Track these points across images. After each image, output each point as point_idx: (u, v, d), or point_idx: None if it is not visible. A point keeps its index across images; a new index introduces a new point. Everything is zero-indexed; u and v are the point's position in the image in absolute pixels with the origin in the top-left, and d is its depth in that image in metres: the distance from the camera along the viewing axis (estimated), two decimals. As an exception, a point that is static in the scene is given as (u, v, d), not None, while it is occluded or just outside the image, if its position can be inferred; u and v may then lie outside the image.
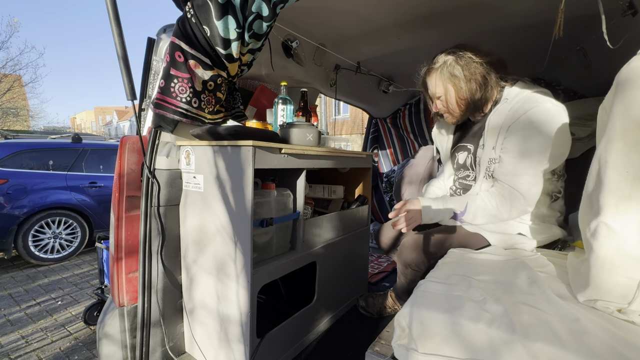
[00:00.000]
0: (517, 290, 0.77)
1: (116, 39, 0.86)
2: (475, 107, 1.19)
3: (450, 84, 1.17)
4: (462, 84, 1.15)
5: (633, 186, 0.60)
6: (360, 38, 1.80)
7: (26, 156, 3.49)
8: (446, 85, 1.18)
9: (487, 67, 1.14)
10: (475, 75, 1.13)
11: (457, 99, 1.18)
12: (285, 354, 1.23)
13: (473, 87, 1.14)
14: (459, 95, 1.17)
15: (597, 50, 1.66)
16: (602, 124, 0.71)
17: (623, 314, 0.66)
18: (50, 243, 3.50)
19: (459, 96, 1.17)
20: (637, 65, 0.62)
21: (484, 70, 1.14)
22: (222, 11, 1.05)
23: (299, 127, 1.21)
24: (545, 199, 1.15)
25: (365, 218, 1.74)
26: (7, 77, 12.55)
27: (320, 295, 1.39)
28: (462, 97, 1.17)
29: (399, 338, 0.74)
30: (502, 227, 1.17)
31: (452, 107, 1.21)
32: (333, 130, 14.08)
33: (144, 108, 1.25)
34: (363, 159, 1.65)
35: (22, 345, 1.96)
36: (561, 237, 1.19)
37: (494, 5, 1.42)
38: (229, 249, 1.06)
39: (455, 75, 1.15)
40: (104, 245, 1.98)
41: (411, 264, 1.23)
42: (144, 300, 1.13)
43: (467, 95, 1.16)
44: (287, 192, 1.25)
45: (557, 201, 1.18)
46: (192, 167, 1.17)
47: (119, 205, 1.14)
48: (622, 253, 0.62)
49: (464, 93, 1.16)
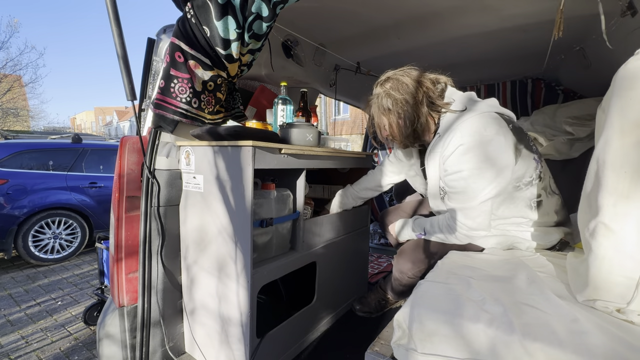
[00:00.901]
0: (516, 290, 0.77)
1: (116, 39, 0.87)
2: (413, 139, 1.18)
3: (384, 116, 1.16)
4: (392, 118, 1.14)
5: (631, 186, 0.60)
6: (360, 38, 1.81)
7: (26, 156, 3.49)
8: (380, 117, 1.18)
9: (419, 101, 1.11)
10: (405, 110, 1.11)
11: (392, 131, 1.18)
12: (285, 354, 1.23)
13: (401, 123, 1.13)
14: (392, 129, 1.17)
15: (596, 50, 1.66)
16: (600, 124, 0.72)
17: (622, 314, 0.66)
18: (50, 243, 3.50)
19: (391, 129, 1.17)
20: (634, 65, 0.62)
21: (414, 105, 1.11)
22: (222, 11, 1.05)
23: (298, 127, 1.21)
24: (528, 209, 1.12)
25: (365, 218, 1.75)
26: (7, 78, 12.55)
27: (320, 296, 1.39)
28: (394, 131, 1.17)
29: (398, 338, 0.74)
30: (500, 231, 1.16)
31: (393, 134, 1.19)
32: (333, 131, 14.08)
33: (144, 108, 1.25)
34: (363, 159, 1.66)
35: (22, 345, 1.96)
36: (561, 237, 1.19)
37: (494, 6, 1.42)
38: (228, 249, 1.07)
39: (387, 109, 1.14)
40: (104, 245, 1.98)
41: (407, 273, 1.25)
42: (144, 300, 1.13)
43: (397, 130, 1.16)
44: (287, 192, 1.25)
45: (543, 204, 1.14)
46: (192, 167, 1.17)
47: (119, 205, 1.14)
48: (621, 253, 0.62)
49: (395, 128, 1.15)
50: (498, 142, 1.00)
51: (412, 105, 1.11)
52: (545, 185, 1.15)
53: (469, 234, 1.11)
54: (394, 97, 1.12)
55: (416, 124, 1.13)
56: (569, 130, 1.78)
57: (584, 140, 1.74)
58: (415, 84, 1.12)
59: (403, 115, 1.12)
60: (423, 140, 1.22)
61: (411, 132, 1.14)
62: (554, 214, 1.17)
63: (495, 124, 1.02)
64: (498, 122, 1.03)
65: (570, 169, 1.73)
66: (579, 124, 1.75)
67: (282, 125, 1.27)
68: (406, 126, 1.13)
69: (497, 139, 1.00)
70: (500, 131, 1.01)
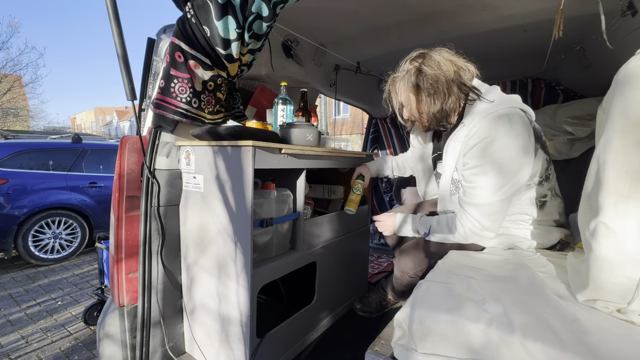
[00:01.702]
0: (516, 290, 0.77)
1: (116, 39, 0.86)
2: (438, 119, 1.14)
3: (412, 93, 1.13)
4: (422, 96, 1.11)
5: (632, 186, 0.60)
6: (360, 38, 1.81)
7: (26, 156, 3.49)
8: (408, 95, 1.14)
9: (450, 79, 1.08)
10: (435, 87, 1.08)
11: (419, 109, 1.15)
12: (285, 354, 1.23)
13: (430, 101, 1.10)
14: (419, 106, 1.14)
15: (597, 50, 1.66)
16: (600, 124, 0.72)
17: (622, 314, 0.66)
18: (50, 243, 3.50)
19: (419, 106, 1.14)
20: (635, 65, 0.62)
21: (446, 82, 1.08)
22: (222, 11, 1.05)
23: (298, 127, 1.21)
24: (531, 207, 1.13)
25: (365, 218, 1.75)
26: (7, 78, 12.56)
27: (320, 295, 1.39)
28: (421, 108, 1.14)
29: (398, 338, 0.74)
30: (501, 231, 1.16)
31: (417, 116, 1.18)
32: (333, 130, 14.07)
33: (144, 108, 1.25)
34: (363, 159, 1.66)
35: (22, 345, 1.96)
36: (561, 238, 1.19)
37: (493, 5, 1.42)
38: (229, 249, 1.06)
39: (415, 86, 1.11)
40: (104, 245, 1.98)
41: (408, 272, 1.24)
42: (144, 300, 1.13)
43: (426, 108, 1.12)
44: (287, 192, 1.25)
45: (546, 204, 1.15)
46: (192, 167, 1.17)
47: (119, 205, 1.14)
48: (621, 253, 0.62)
49: (424, 105, 1.12)
50: (523, 139, 1.00)
51: (443, 83, 1.07)
52: (551, 186, 1.16)
53: (480, 234, 1.07)
54: (425, 74, 1.08)
55: (445, 104, 1.09)
56: (569, 130, 1.78)
57: (584, 140, 1.74)
58: (448, 63, 1.09)
59: (433, 93, 1.08)
60: (447, 124, 1.18)
61: (438, 112, 1.11)
62: (556, 214, 1.18)
63: (521, 121, 1.01)
64: (524, 120, 1.03)
65: (571, 169, 1.73)
66: (579, 124, 1.75)
67: (282, 125, 1.27)
68: (434, 104, 1.09)
69: (522, 136, 1.00)
70: (525, 129, 1.01)
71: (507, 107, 1.03)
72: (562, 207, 1.21)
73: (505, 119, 1.00)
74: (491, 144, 1.00)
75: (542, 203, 1.14)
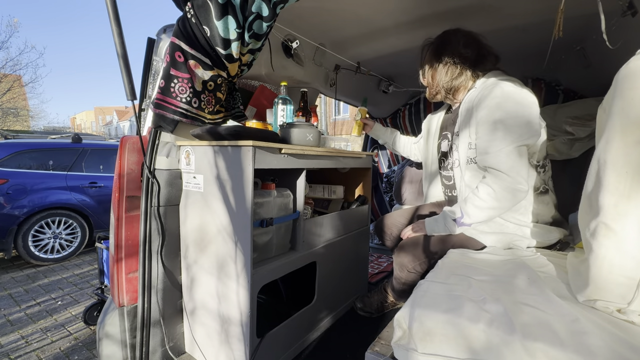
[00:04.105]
0: (516, 290, 0.77)
1: (116, 39, 0.86)
2: (446, 90, 1.27)
3: (434, 61, 1.26)
4: (439, 66, 1.24)
5: (632, 186, 0.60)
6: (360, 38, 1.80)
7: (26, 156, 3.49)
8: (431, 60, 1.28)
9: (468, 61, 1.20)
10: (452, 61, 1.21)
11: (432, 76, 1.29)
12: (285, 354, 1.23)
13: (444, 71, 1.23)
14: (434, 73, 1.28)
15: (597, 50, 1.66)
16: (601, 124, 0.72)
17: (622, 314, 0.66)
18: (50, 243, 3.50)
19: (434, 74, 1.28)
20: (635, 65, 0.62)
21: (463, 62, 1.20)
22: (222, 11, 1.05)
23: (299, 127, 1.21)
24: (530, 196, 1.16)
25: (365, 218, 1.75)
26: (7, 77, 12.55)
27: (320, 295, 1.39)
28: (435, 76, 1.28)
29: (399, 338, 0.74)
30: (500, 228, 1.17)
31: (430, 82, 1.32)
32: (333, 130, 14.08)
33: (144, 108, 1.25)
34: (363, 159, 1.65)
35: (22, 345, 1.96)
36: (561, 238, 1.19)
37: (493, 5, 1.42)
38: (229, 249, 1.06)
39: (436, 55, 1.25)
40: (104, 245, 1.98)
41: (407, 266, 1.24)
42: (144, 300, 1.13)
43: (438, 77, 1.26)
44: (287, 192, 1.25)
45: (544, 195, 1.19)
46: (192, 167, 1.17)
47: (119, 205, 1.14)
48: (622, 253, 0.62)
49: (437, 74, 1.26)
50: (533, 98, 1.07)
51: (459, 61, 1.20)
52: (547, 178, 1.21)
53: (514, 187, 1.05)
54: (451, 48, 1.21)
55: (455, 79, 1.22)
56: (569, 130, 1.77)
57: (585, 140, 1.74)
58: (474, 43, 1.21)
59: (448, 65, 1.22)
60: (453, 99, 1.31)
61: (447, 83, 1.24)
62: (552, 208, 1.21)
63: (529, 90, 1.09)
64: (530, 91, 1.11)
65: (571, 169, 1.73)
66: (580, 124, 1.75)
67: (282, 125, 1.27)
68: (445, 75, 1.23)
69: (531, 96, 1.07)
70: (532, 94, 1.08)
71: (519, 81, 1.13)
72: (556, 203, 1.25)
73: (517, 82, 1.11)
74: (507, 98, 1.06)
75: (542, 191, 1.18)
